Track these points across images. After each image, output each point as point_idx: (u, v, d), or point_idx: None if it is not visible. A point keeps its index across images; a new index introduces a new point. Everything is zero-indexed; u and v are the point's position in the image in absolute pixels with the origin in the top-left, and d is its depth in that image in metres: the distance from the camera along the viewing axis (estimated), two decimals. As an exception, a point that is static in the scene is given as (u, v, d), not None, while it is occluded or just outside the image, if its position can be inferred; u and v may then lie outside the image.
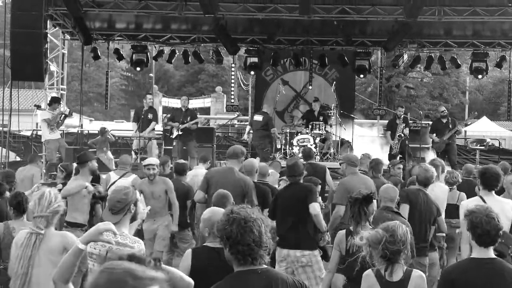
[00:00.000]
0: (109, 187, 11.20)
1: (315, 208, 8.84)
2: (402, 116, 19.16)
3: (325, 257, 9.30)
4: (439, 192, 9.92)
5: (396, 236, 5.26)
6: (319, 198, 10.21)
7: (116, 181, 11.91)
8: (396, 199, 8.11)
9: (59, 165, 12.03)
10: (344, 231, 7.30)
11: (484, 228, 5.19)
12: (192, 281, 4.66)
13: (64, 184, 10.65)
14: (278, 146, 19.65)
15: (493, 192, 7.98)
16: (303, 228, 8.88)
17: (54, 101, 17.93)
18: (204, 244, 5.89)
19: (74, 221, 10.02)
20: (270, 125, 19.48)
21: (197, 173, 12.55)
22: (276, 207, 9.16)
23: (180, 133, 18.26)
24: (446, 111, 19.04)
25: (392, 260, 5.31)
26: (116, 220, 5.85)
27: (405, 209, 8.56)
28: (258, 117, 19.60)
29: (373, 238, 5.28)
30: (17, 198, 7.99)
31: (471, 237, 5.29)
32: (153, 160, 11.34)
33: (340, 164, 11.44)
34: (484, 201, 7.73)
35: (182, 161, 12.72)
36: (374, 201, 7.26)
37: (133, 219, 6.06)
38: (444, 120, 18.75)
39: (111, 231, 4.79)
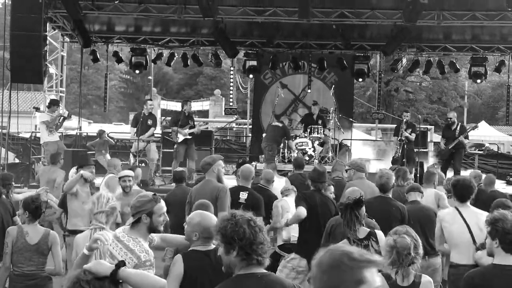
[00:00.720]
0: None
1: None
2: (405, 120, 19.04)
3: None
4: (426, 197, 10.00)
5: (417, 242, 5.31)
6: None
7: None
8: None
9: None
10: (345, 240, 7.21)
11: None
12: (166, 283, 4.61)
13: None
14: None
15: (468, 203, 7.96)
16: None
17: (53, 104, 17.93)
18: (192, 248, 5.80)
19: (74, 228, 9.66)
20: (288, 135, 19.37)
21: None
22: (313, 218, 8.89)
23: (188, 137, 18.26)
24: (453, 118, 18.83)
25: (407, 265, 5.35)
26: (130, 222, 5.89)
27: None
28: (278, 124, 19.60)
29: (403, 244, 5.29)
30: (35, 203, 7.97)
31: (496, 244, 5.26)
32: (129, 172, 11.09)
33: (346, 170, 11.35)
34: (459, 211, 7.75)
35: (180, 168, 12.62)
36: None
37: (151, 230, 5.91)
38: (453, 127, 18.57)
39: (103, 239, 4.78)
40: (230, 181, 11.22)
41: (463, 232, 7.52)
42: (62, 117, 17.65)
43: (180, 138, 18.18)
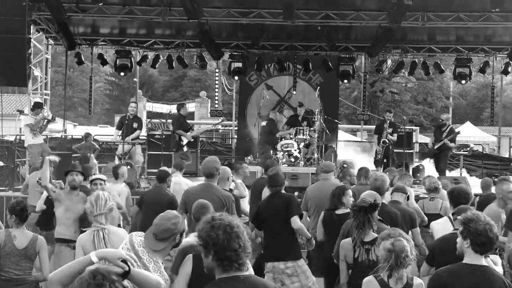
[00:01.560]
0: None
1: (296, 222, 8.80)
2: (389, 121, 19.13)
3: (310, 265, 9.31)
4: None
5: (412, 244, 5.35)
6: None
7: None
8: None
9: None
10: (350, 239, 7.27)
11: (488, 236, 5.26)
12: (161, 281, 4.62)
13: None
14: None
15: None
16: (284, 239, 8.82)
17: (37, 107, 17.87)
18: None
19: (59, 237, 9.43)
20: (273, 129, 19.48)
21: (178, 181, 12.42)
22: (259, 219, 9.10)
23: (192, 140, 18.47)
24: (444, 120, 18.92)
25: (404, 268, 5.39)
26: (160, 247, 5.70)
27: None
28: (264, 124, 19.66)
29: (400, 247, 5.33)
30: (20, 205, 7.94)
31: (467, 244, 5.31)
32: (101, 175, 10.94)
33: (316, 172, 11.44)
34: (451, 220, 7.80)
35: (165, 168, 12.58)
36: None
37: (175, 246, 5.89)
38: (443, 129, 18.66)
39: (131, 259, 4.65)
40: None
41: None
42: (46, 120, 17.57)
43: (185, 141, 18.34)
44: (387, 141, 18.67)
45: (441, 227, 7.97)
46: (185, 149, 19.04)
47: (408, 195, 9.76)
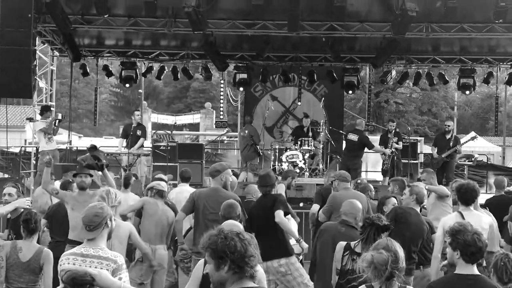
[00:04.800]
0: None
1: (279, 215, 8.92)
2: (393, 130, 19.11)
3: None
4: None
5: (398, 255, 5.31)
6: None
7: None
8: (358, 216, 8.09)
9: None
10: (344, 243, 7.24)
11: (477, 246, 5.30)
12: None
13: None
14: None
15: (471, 207, 8.07)
16: (273, 236, 8.92)
17: (45, 110, 17.97)
18: None
19: (71, 238, 9.27)
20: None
21: (182, 190, 12.46)
22: (250, 220, 9.21)
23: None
24: (451, 126, 18.93)
25: (391, 278, 5.36)
26: (94, 235, 5.97)
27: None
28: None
29: (380, 259, 5.29)
30: (26, 217, 7.91)
31: (458, 255, 5.35)
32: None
33: (331, 182, 11.39)
34: (463, 216, 7.82)
35: (162, 175, 12.63)
36: None
37: (109, 235, 6.13)
38: (448, 136, 18.59)
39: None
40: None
41: None
42: (57, 120, 17.69)
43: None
44: (394, 151, 18.62)
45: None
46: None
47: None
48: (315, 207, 10.97)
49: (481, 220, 7.70)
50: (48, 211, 10.75)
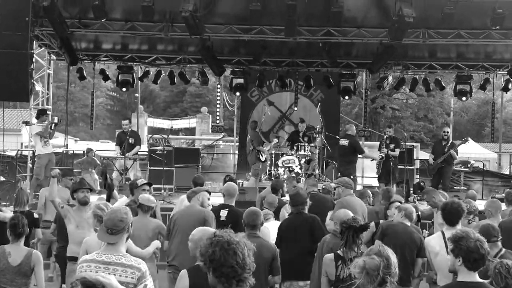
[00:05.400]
0: None
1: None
2: (390, 136, 19.12)
3: None
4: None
5: (390, 261, 5.30)
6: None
7: None
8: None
9: None
10: (332, 255, 7.25)
11: (480, 253, 5.29)
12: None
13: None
14: (263, 159, 19.75)
15: (457, 227, 7.96)
16: (306, 258, 8.85)
17: (42, 113, 18.00)
18: (198, 263, 5.88)
19: (72, 255, 9.24)
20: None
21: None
22: (281, 237, 9.18)
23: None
24: (447, 133, 18.95)
25: (384, 284, 5.34)
26: (116, 240, 5.88)
27: None
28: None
29: (371, 265, 5.28)
30: (13, 221, 7.91)
31: (460, 262, 5.35)
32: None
33: (335, 188, 11.42)
34: (443, 235, 7.80)
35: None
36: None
37: (127, 239, 6.08)
38: (444, 143, 18.64)
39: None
40: (218, 199, 11.29)
41: (443, 255, 7.52)
42: (53, 124, 17.70)
43: (264, 156, 18.78)
44: (383, 156, 18.64)
45: (436, 244, 7.96)
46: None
47: (418, 214, 9.90)
48: None
49: None
50: (56, 216, 10.78)
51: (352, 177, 16.95)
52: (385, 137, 19.08)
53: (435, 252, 7.82)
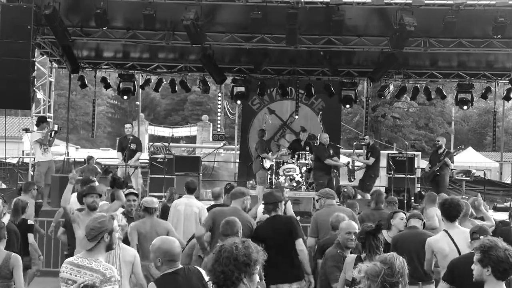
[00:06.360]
0: None
1: (301, 244, 8.90)
2: (368, 143, 19.16)
3: None
4: None
5: (394, 268, 5.25)
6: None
7: None
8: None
9: None
10: (355, 256, 7.30)
11: (509, 262, 5.25)
12: None
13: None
14: (267, 166, 19.68)
15: (456, 222, 8.01)
16: (287, 261, 8.80)
17: (42, 121, 17.97)
18: (161, 273, 5.98)
19: None
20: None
21: (191, 203, 12.16)
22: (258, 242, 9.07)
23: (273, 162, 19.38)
24: (440, 142, 18.98)
25: None
26: (90, 246, 6.05)
27: None
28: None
29: (372, 271, 5.25)
30: None
31: (489, 272, 5.29)
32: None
33: (317, 200, 11.21)
34: (449, 234, 7.79)
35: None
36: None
37: (109, 248, 6.19)
38: (439, 152, 18.69)
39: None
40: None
41: (454, 255, 7.52)
42: (53, 131, 17.71)
43: (268, 163, 18.89)
44: (351, 162, 18.84)
45: (442, 242, 7.95)
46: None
47: (425, 222, 9.89)
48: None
49: (467, 236, 7.63)
50: (66, 221, 10.80)
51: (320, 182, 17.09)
52: (363, 144, 19.17)
53: (445, 254, 7.78)
